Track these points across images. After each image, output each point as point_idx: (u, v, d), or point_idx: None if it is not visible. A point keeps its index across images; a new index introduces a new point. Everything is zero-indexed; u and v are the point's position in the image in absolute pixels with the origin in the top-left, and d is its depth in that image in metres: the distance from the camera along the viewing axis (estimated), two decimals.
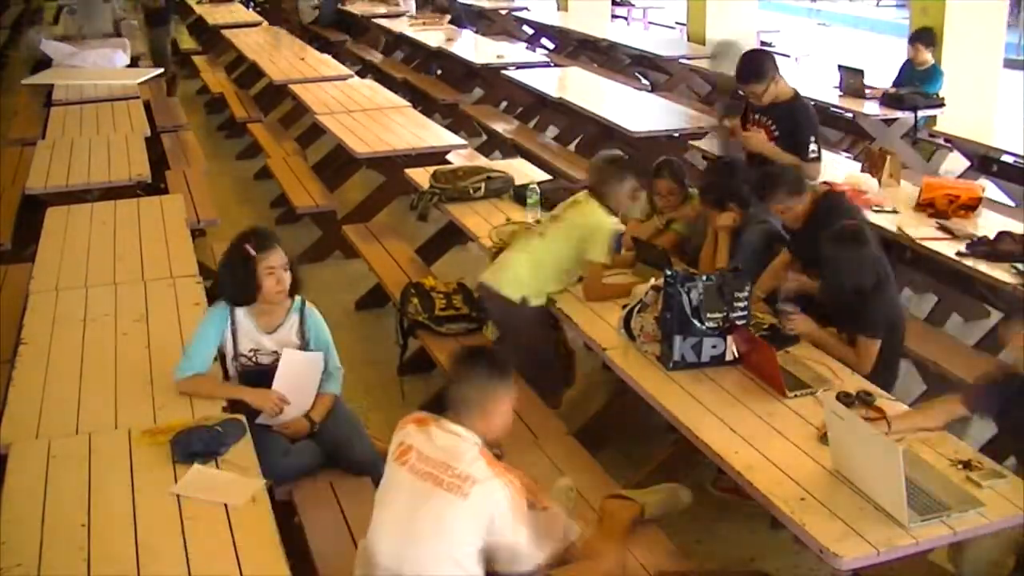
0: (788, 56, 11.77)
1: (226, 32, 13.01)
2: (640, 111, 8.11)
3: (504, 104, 10.65)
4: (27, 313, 4.27)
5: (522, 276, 4.48)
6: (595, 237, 4.39)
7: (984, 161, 7.14)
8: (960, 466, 3.07)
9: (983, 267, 4.69)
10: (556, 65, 10.98)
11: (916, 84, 7.85)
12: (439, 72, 11.84)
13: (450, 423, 2.78)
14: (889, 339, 3.95)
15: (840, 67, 8.34)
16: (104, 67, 9.78)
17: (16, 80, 10.60)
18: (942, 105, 7.76)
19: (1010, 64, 11.15)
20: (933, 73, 7.96)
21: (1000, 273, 4.62)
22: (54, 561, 2.70)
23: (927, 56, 8.00)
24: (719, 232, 4.68)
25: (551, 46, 13.69)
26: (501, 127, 9.05)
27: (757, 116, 5.15)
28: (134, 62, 10.29)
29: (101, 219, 5.40)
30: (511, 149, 8.51)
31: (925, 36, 8.09)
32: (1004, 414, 3.32)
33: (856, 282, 3.88)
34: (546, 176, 6.23)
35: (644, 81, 11.38)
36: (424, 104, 9.88)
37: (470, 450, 2.72)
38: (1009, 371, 3.31)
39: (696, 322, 3.68)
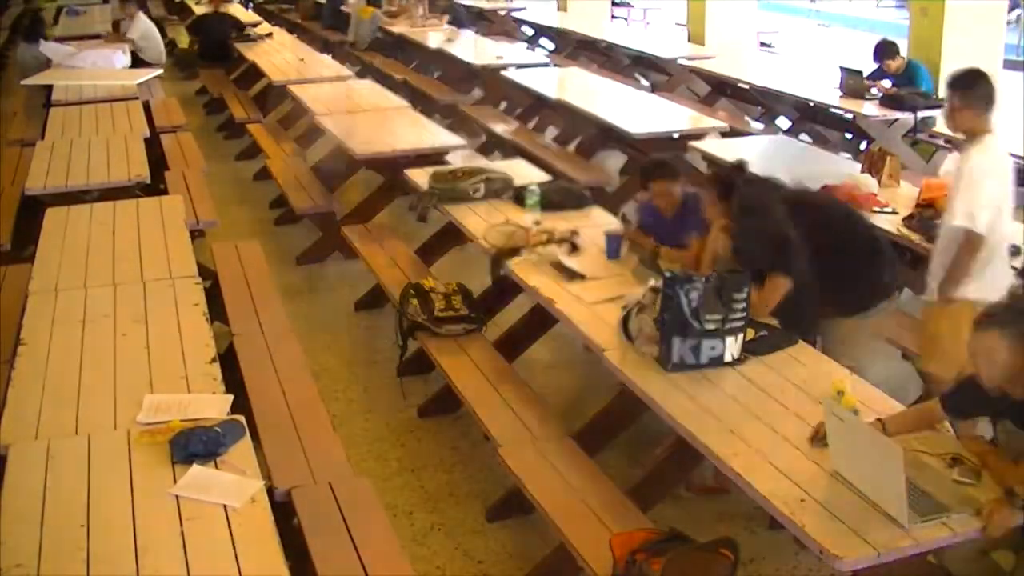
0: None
1: None
2: (640, 112, 8.11)
3: (504, 105, 10.64)
4: (26, 314, 4.27)
5: None
6: None
7: None
8: (951, 461, 3.08)
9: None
10: (556, 65, 10.98)
11: (901, 85, 7.91)
12: (438, 73, 11.85)
13: None
14: (799, 298, 4.10)
15: (840, 67, 8.35)
16: (103, 68, 9.78)
17: (16, 81, 10.60)
18: (941, 106, 7.76)
19: (1010, 64, 11.15)
20: (911, 70, 8.01)
21: None
22: (53, 561, 2.70)
23: (893, 64, 8.05)
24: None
25: (551, 47, 13.70)
26: (501, 128, 9.05)
27: None
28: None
29: (100, 220, 5.40)
30: (511, 150, 8.51)
31: (886, 51, 8.14)
32: (969, 415, 3.35)
33: (764, 247, 4.12)
34: (546, 177, 6.22)
35: (644, 82, 11.39)
36: (424, 105, 9.88)
37: None
38: (953, 388, 3.33)
39: (695, 323, 3.67)
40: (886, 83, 8.10)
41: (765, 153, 7.05)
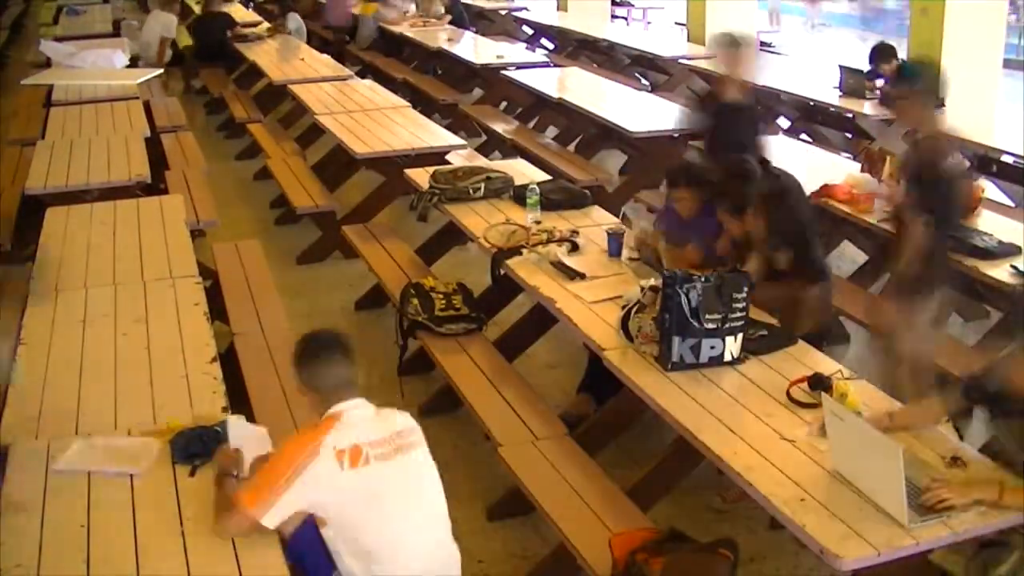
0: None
1: None
2: (640, 111, 8.11)
3: (504, 104, 10.65)
4: (26, 314, 4.27)
5: None
6: None
7: (984, 161, 7.13)
8: (951, 461, 3.08)
9: (983, 267, 4.70)
10: (556, 65, 10.98)
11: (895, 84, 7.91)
12: (439, 72, 11.85)
13: (358, 402, 2.99)
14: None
15: (840, 67, 8.34)
16: (103, 67, 9.78)
17: (16, 80, 10.60)
18: (942, 106, 7.76)
19: (1010, 64, 11.15)
20: (905, 72, 7.99)
21: (1000, 273, 4.63)
22: (53, 562, 2.70)
23: (888, 68, 8.03)
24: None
25: (551, 46, 13.70)
26: (501, 127, 9.05)
27: None
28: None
29: (101, 219, 5.40)
30: (511, 149, 8.51)
31: (882, 54, 8.09)
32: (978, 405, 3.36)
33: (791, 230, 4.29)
34: (546, 176, 6.22)
35: (644, 81, 11.39)
36: (424, 104, 9.88)
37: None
38: (976, 374, 3.33)
39: (695, 323, 3.67)
40: (880, 82, 8.09)
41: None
